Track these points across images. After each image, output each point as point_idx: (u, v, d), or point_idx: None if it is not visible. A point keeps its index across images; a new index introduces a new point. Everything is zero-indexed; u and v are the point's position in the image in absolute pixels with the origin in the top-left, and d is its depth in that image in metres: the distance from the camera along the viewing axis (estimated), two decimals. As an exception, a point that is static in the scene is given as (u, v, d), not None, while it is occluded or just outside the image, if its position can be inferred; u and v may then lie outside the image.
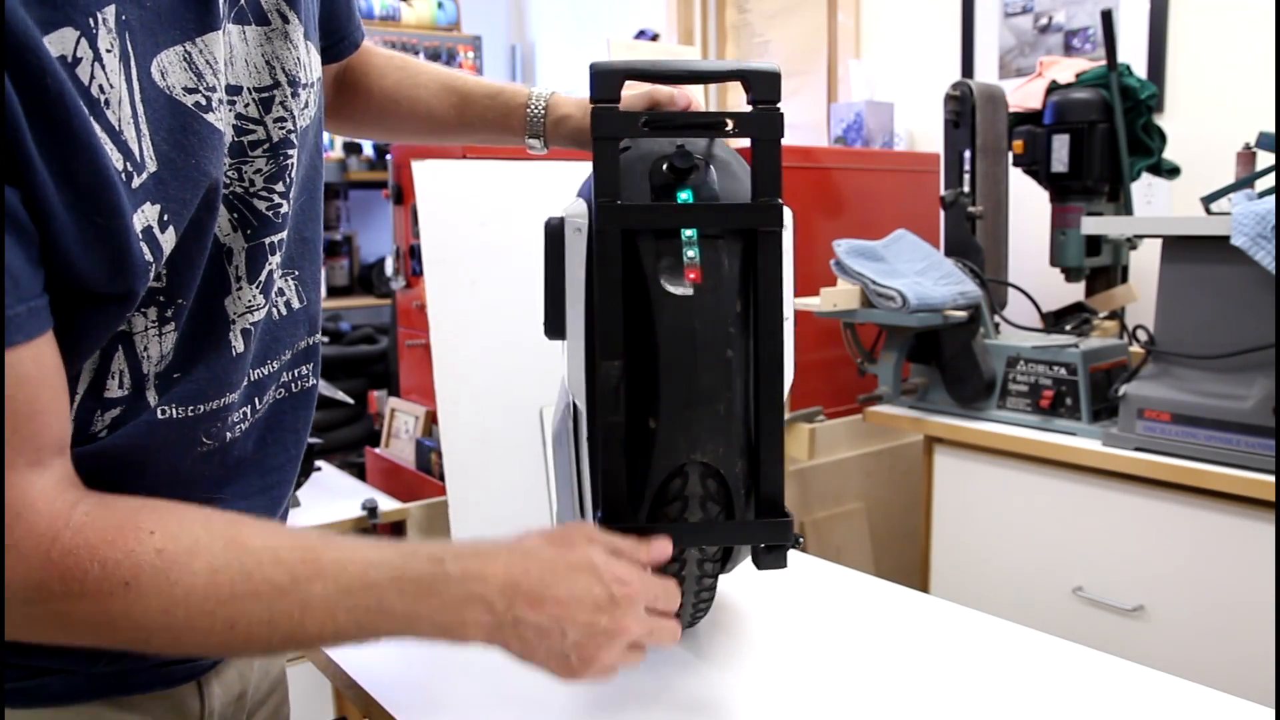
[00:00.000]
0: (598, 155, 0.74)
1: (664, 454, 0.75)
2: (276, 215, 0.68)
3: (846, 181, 2.34)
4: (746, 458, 0.78)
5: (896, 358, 1.85)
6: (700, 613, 0.92)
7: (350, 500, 2.04)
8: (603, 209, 0.74)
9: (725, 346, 0.74)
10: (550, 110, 0.94)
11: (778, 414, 0.77)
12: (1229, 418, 1.43)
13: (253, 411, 0.72)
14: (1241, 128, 1.87)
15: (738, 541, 0.82)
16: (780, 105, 0.75)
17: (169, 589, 0.55)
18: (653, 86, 0.86)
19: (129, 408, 0.62)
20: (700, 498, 0.77)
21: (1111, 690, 0.85)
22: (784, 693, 0.85)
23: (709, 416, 0.75)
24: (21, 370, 0.51)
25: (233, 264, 0.66)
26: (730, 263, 0.75)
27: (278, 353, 0.73)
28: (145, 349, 0.62)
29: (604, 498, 0.76)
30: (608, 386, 0.74)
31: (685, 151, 0.77)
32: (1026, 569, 1.72)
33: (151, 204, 0.56)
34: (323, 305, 0.81)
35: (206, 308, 0.65)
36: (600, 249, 0.74)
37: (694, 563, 0.82)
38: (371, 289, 3.88)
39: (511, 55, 4.34)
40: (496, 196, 2.01)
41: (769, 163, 0.75)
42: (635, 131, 0.76)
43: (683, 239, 0.75)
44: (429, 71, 0.99)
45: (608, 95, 0.75)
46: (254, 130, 0.67)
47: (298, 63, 0.69)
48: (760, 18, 3.29)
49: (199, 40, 0.60)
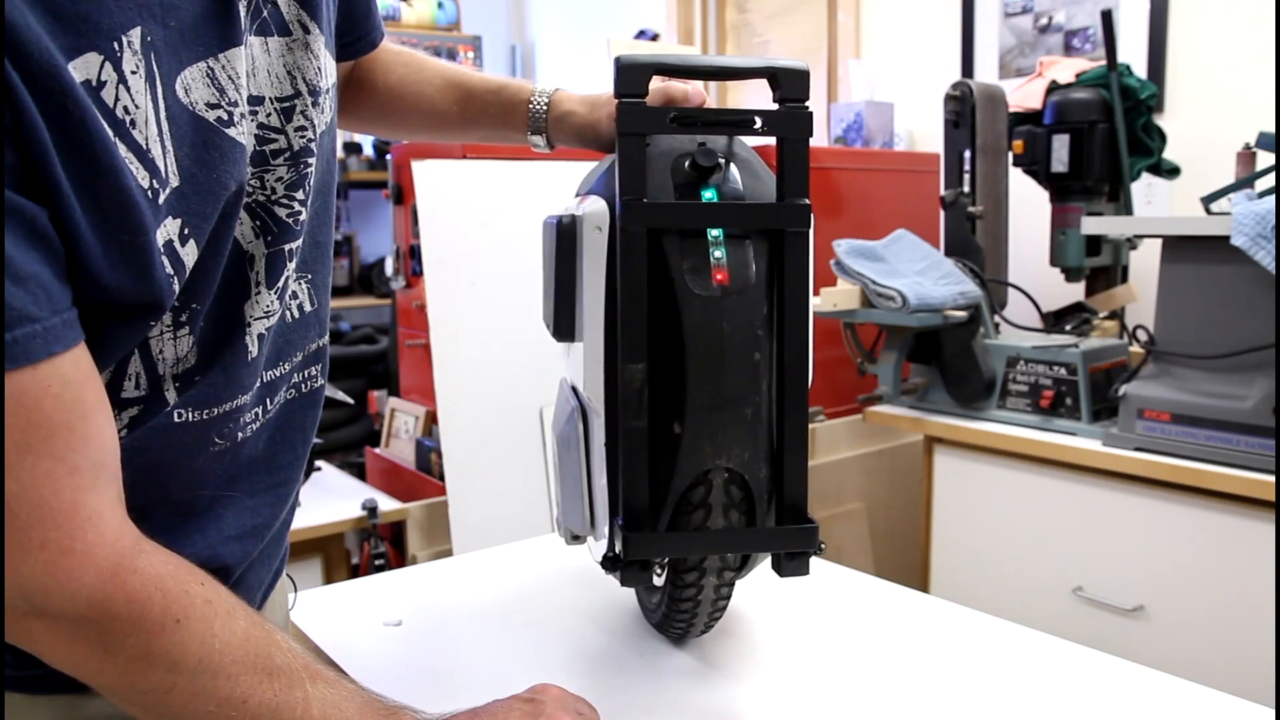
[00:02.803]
0: (623, 152, 0.73)
1: (689, 459, 0.73)
2: (295, 222, 0.69)
3: (846, 181, 2.34)
4: (770, 463, 0.76)
5: (896, 358, 1.85)
6: (714, 620, 0.91)
7: (350, 500, 2.05)
8: (628, 207, 0.72)
9: (753, 349, 0.73)
10: (553, 107, 0.93)
11: (803, 418, 0.76)
12: (1229, 418, 1.43)
13: (264, 412, 0.72)
14: (1241, 128, 1.87)
15: (762, 549, 0.80)
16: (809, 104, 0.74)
17: (210, 638, 0.57)
18: (668, 84, 0.85)
19: (145, 408, 0.63)
20: (724, 505, 0.75)
21: (1111, 690, 0.85)
22: (785, 693, 0.85)
23: (736, 420, 0.73)
24: (64, 374, 0.52)
25: (254, 270, 0.67)
26: (758, 263, 0.74)
27: (290, 355, 0.74)
28: (161, 351, 0.63)
29: (625, 506, 0.74)
30: (631, 390, 0.72)
31: (708, 149, 0.75)
32: (1026, 569, 1.72)
33: (173, 218, 0.57)
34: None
35: (225, 312, 0.66)
36: (625, 248, 0.72)
37: (714, 571, 0.81)
38: (371, 289, 3.88)
39: (511, 55, 4.34)
40: (496, 196, 2.02)
41: (798, 162, 0.74)
42: (663, 128, 0.74)
43: (709, 239, 0.73)
44: (433, 67, 0.99)
45: (634, 90, 0.73)
46: (275, 139, 0.67)
47: (319, 71, 0.70)
48: (760, 18, 3.29)
49: (221, 56, 0.61)
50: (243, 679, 0.58)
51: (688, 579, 0.82)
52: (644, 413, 0.73)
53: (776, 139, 0.74)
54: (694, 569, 0.81)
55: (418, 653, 0.94)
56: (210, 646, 0.57)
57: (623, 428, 0.73)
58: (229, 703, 0.58)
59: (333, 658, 0.92)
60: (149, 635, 0.55)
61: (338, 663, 0.91)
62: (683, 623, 0.89)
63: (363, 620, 1.00)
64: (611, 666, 0.90)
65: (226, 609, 0.59)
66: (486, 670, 0.90)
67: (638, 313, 0.72)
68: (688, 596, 0.84)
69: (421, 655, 0.93)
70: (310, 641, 0.96)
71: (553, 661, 0.91)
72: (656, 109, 0.74)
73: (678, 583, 0.83)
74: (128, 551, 0.55)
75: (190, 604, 0.56)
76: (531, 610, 1.02)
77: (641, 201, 0.72)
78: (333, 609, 1.04)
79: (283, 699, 0.59)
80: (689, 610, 0.86)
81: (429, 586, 1.11)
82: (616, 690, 0.85)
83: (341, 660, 0.91)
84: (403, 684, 0.87)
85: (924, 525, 1.89)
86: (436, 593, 1.09)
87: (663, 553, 0.76)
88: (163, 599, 0.55)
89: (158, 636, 0.55)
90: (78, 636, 0.55)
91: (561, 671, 0.88)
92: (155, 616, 0.55)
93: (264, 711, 0.59)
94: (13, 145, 0.49)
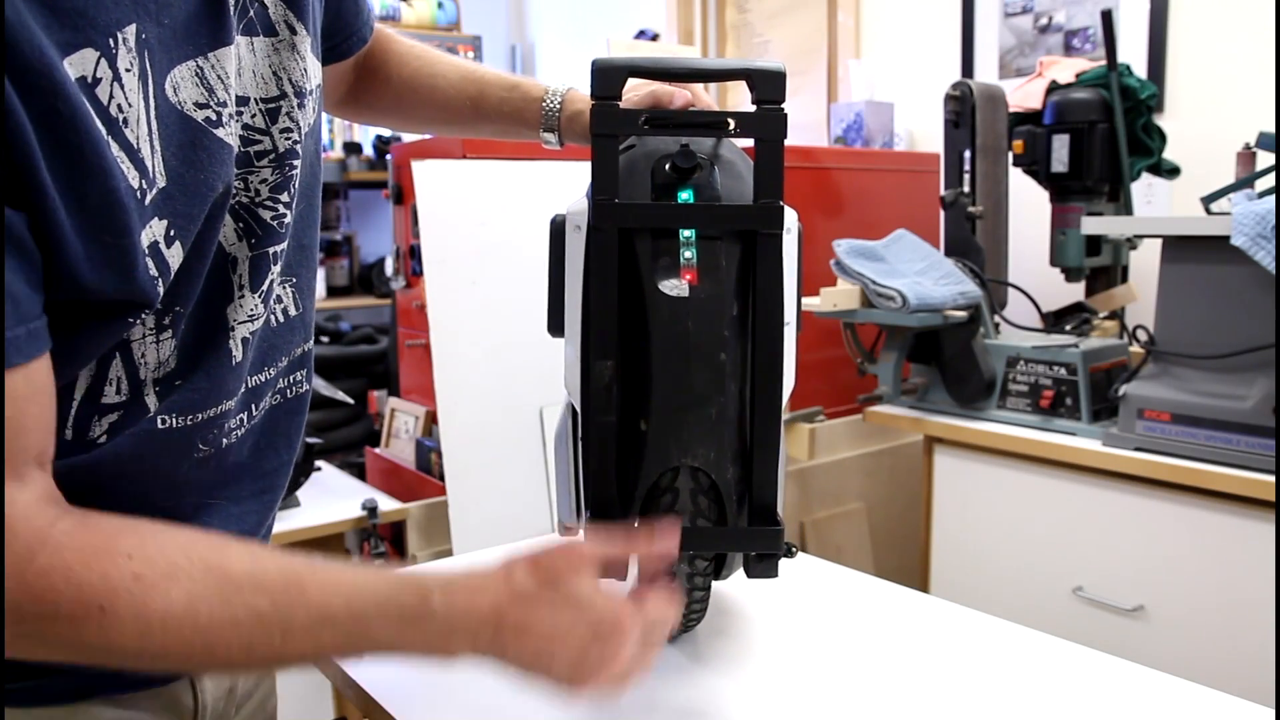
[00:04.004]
0: (596, 153, 0.73)
1: (654, 457, 0.74)
2: (280, 225, 0.69)
3: (846, 181, 2.34)
4: (741, 464, 0.76)
5: (896, 358, 1.85)
6: (692, 622, 0.91)
7: (350, 500, 2.04)
8: (599, 207, 0.73)
9: (719, 349, 0.73)
10: (566, 105, 0.94)
11: (774, 420, 0.76)
12: (1229, 418, 1.43)
13: (249, 418, 0.72)
14: (1241, 128, 1.87)
15: (726, 549, 0.80)
16: (784, 105, 0.74)
17: (145, 615, 0.53)
18: (657, 86, 0.86)
19: (127, 413, 0.62)
20: (691, 503, 0.76)
21: (1111, 690, 0.85)
22: (784, 694, 0.85)
23: (700, 420, 0.73)
24: (12, 389, 0.51)
25: (237, 273, 0.66)
26: (728, 265, 0.74)
27: (275, 360, 0.73)
28: (143, 355, 0.62)
29: (592, 498, 0.75)
30: (599, 386, 0.73)
31: (688, 150, 0.75)
32: (1026, 569, 1.72)
33: (159, 219, 0.57)
34: (324, 305, 0.81)
35: (208, 315, 0.65)
36: (595, 247, 0.73)
37: (684, 572, 0.81)
38: (371, 289, 3.87)
39: (511, 55, 4.34)
40: (496, 196, 2.02)
41: (771, 164, 0.74)
42: (635, 130, 0.75)
43: (680, 239, 0.74)
44: (447, 62, 0.99)
45: (609, 92, 0.74)
46: (260, 141, 0.67)
47: (304, 73, 0.70)
48: (760, 18, 3.29)
49: (211, 55, 0.60)
50: (199, 637, 0.55)
51: None
52: (611, 409, 0.74)
53: (754, 140, 0.74)
54: None
55: (418, 653, 0.94)
56: (148, 622, 0.54)
57: (592, 422, 0.74)
58: (192, 657, 0.56)
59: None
60: (73, 626, 0.52)
61: (337, 662, 0.91)
62: None
63: (363, 620, 1.00)
64: (611, 666, 0.90)
65: (165, 574, 0.54)
66: (487, 670, 0.89)
67: (607, 311, 0.73)
68: None
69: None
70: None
71: (553, 661, 0.91)
72: (630, 111, 0.75)
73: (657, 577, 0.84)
74: (36, 553, 0.52)
75: (112, 588, 0.53)
76: (531, 610, 1.02)
77: (613, 202, 0.73)
78: (333, 609, 1.04)
79: (256, 636, 0.56)
80: None
81: (429, 586, 1.10)
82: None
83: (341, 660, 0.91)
84: (403, 684, 0.87)
85: (924, 525, 1.89)
86: (436, 593, 1.08)
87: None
88: (75, 592, 0.52)
89: (83, 625, 0.52)
90: (15, 636, 0.53)
91: (561, 671, 0.89)
92: (72, 610, 0.52)
93: (236, 653, 0.56)
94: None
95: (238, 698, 0.82)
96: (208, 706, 0.77)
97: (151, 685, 0.72)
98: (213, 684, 0.78)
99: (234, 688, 0.81)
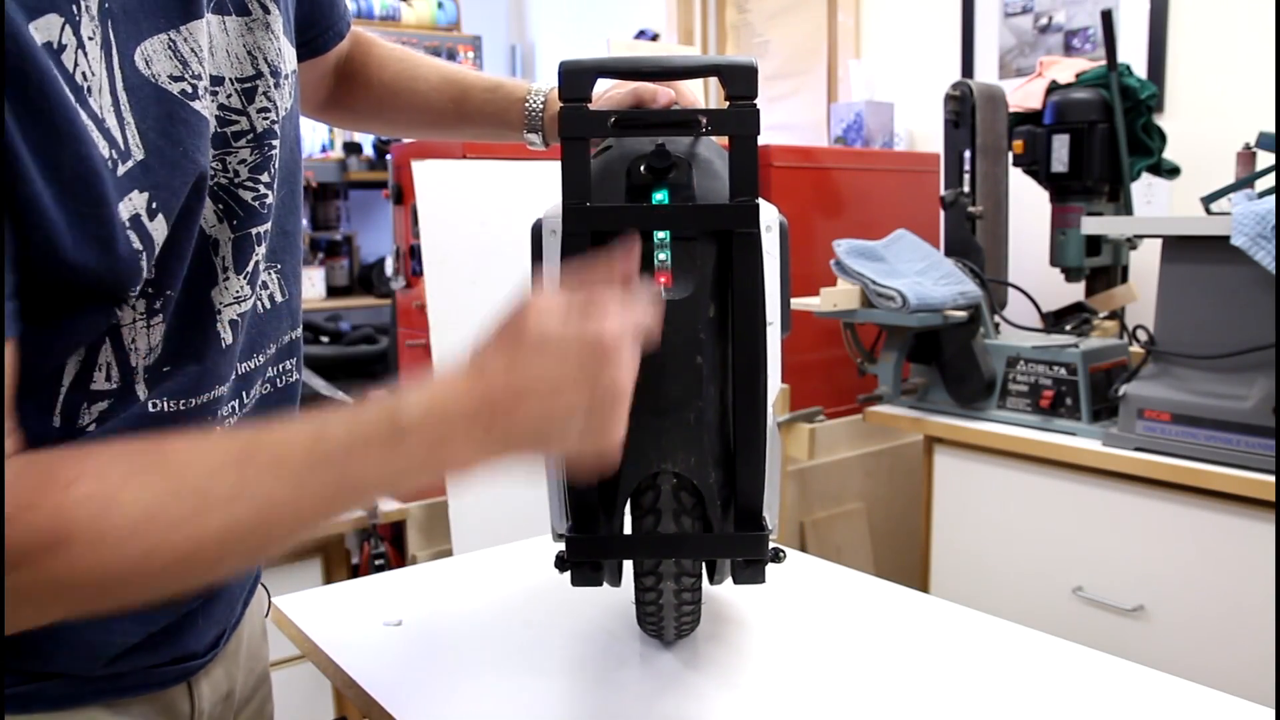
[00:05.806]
0: (566, 156, 0.72)
1: (634, 463, 0.73)
2: (262, 206, 0.68)
3: (846, 181, 2.34)
4: (724, 468, 0.75)
5: (896, 358, 1.85)
6: (685, 630, 0.91)
7: (350, 500, 2.04)
8: (570, 211, 0.72)
9: (695, 352, 0.72)
10: (549, 105, 0.93)
11: (757, 422, 0.74)
12: (1229, 418, 1.43)
13: (240, 406, 0.72)
14: (1241, 128, 1.87)
15: (710, 555, 0.79)
16: (757, 101, 0.72)
17: (109, 532, 0.49)
18: (638, 84, 0.84)
19: (117, 401, 0.62)
20: (674, 509, 0.75)
21: (1111, 690, 0.85)
22: (785, 693, 0.85)
23: (679, 425, 0.73)
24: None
25: (219, 255, 0.66)
26: (704, 266, 0.73)
27: (264, 346, 0.73)
28: (133, 341, 0.61)
29: (572, 506, 0.74)
30: None
31: (663, 150, 0.74)
32: (1026, 569, 1.72)
33: (139, 192, 0.56)
34: (324, 305, 0.81)
35: (193, 299, 0.65)
36: (567, 252, 0.72)
37: (670, 576, 0.81)
38: (371, 289, 3.87)
39: (511, 55, 4.34)
40: (496, 196, 2.02)
41: (746, 161, 0.72)
42: (604, 131, 0.74)
43: (655, 242, 0.72)
44: (429, 64, 0.99)
45: (577, 94, 0.72)
46: (237, 121, 0.66)
47: (279, 54, 0.69)
48: (760, 18, 3.29)
49: (183, 28, 0.60)
50: (172, 536, 0.51)
51: (645, 583, 0.82)
52: None
53: (728, 137, 0.73)
54: (650, 573, 0.81)
55: (418, 653, 0.94)
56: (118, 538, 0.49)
57: None
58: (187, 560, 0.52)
59: (333, 658, 0.92)
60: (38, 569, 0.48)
61: (338, 663, 0.91)
62: (653, 626, 0.89)
63: (363, 620, 1.00)
64: (611, 666, 0.90)
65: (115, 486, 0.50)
66: (487, 670, 0.90)
67: None
68: (649, 600, 0.84)
69: (421, 655, 0.93)
70: (310, 641, 0.96)
71: (552, 661, 0.91)
72: (598, 113, 0.73)
73: (638, 586, 0.84)
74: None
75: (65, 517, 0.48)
76: (531, 610, 1.02)
77: (584, 205, 0.72)
78: (333, 609, 1.04)
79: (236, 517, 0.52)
80: (654, 615, 0.86)
81: (429, 586, 1.11)
82: (616, 690, 0.85)
83: (341, 660, 0.91)
84: (403, 684, 0.87)
85: (924, 525, 1.89)
86: (436, 593, 1.09)
87: (604, 555, 0.77)
88: (24, 532, 0.47)
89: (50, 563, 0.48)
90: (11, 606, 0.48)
91: (561, 671, 0.89)
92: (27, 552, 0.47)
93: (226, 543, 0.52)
94: None
95: (235, 703, 0.82)
96: (204, 712, 0.77)
97: (148, 689, 0.72)
98: (210, 689, 0.77)
99: (231, 692, 0.81)
